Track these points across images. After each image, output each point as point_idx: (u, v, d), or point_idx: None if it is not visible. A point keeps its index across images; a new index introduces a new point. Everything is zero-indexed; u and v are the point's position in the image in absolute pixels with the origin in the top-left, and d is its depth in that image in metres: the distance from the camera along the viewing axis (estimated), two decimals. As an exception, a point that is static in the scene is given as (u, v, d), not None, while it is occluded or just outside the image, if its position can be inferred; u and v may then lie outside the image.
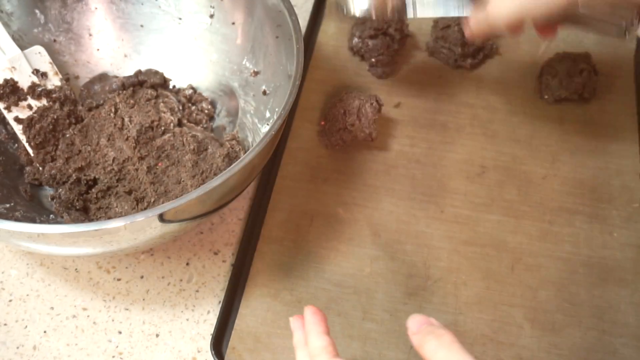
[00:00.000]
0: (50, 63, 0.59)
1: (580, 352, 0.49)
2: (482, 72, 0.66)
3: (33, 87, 0.57)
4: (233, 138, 0.56)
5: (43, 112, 0.56)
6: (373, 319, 0.51)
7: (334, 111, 0.59)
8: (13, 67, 0.57)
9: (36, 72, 0.58)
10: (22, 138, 0.56)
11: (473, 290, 0.52)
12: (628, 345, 0.50)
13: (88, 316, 0.52)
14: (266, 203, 0.57)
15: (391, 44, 0.64)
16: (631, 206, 0.57)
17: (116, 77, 0.61)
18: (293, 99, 0.46)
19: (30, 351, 0.50)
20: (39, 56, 0.58)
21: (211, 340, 0.49)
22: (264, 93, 0.56)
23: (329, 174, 0.59)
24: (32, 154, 0.56)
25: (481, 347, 0.49)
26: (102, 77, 0.62)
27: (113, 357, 0.50)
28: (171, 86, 0.62)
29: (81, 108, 0.58)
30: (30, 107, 0.57)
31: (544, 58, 0.65)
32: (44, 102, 0.57)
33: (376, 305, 0.51)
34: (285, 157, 0.60)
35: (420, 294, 0.52)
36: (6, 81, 0.56)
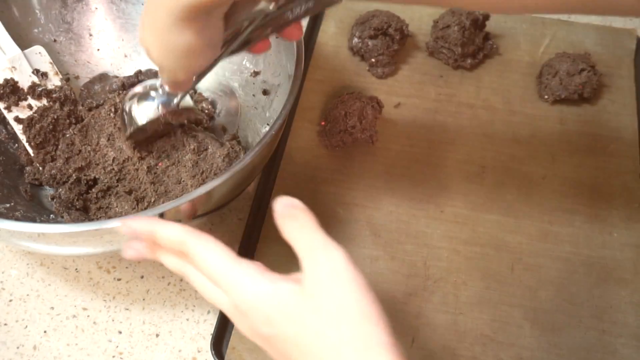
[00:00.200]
0: (50, 63, 0.59)
1: (580, 352, 0.49)
2: (482, 72, 0.66)
3: (33, 87, 0.57)
4: (233, 138, 0.56)
5: (43, 112, 0.56)
6: (373, 319, 0.51)
7: (335, 112, 0.59)
8: (13, 67, 0.57)
9: (36, 72, 0.58)
10: (22, 138, 0.56)
11: (473, 290, 0.52)
12: (628, 345, 0.50)
13: (88, 316, 0.52)
14: (266, 203, 0.57)
15: (391, 44, 0.64)
16: (631, 206, 0.57)
17: (116, 77, 0.61)
18: (293, 99, 0.46)
19: (30, 351, 0.50)
20: (39, 56, 0.58)
21: (211, 340, 0.49)
22: (264, 93, 0.56)
23: (329, 174, 0.59)
24: (32, 154, 0.56)
25: (481, 347, 0.50)
26: (102, 77, 0.62)
27: (113, 357, 0.50)
28: (171, 86, 0.62)
29: (81, 108, 0.58)
30: (30, 107, 0.57)
31: (544, 58, 0.65)
32: (44, 102, 0.57)
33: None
34: (285, 157, 0.60)
35: (420, 294, 0.52)
36: (6, 81, 0.56)
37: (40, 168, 0.55)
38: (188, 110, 0.51)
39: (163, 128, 0.52)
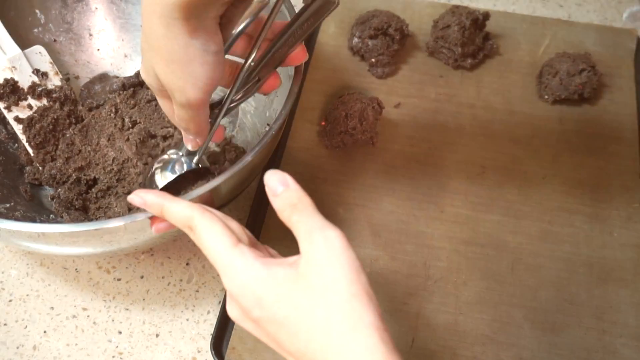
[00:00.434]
0: (50, 63, 0.59)
1: (580, 352, 0.49)
2: (482, 72, 0.66)
3: (33, 87, 0.57)
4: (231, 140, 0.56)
5: (43, 112, 0.56)
6: (373, 319, 0.51)
7: (336, 113, 0.59)
8: (13, 67, 0.57)
9: (36, 72, 0.58)
10: (22, 138, 0.56)
11: (473, 290, 0.52)
12: (628, 345, 0.50)
13: (88, 316, 0.52)
14: (266, 203, 0.57)
15: (391, 44, 0.64)
16: (631, 206, 0.57)
17: (116, 78, 0.61)
18: (293, 99, 0.46)
19: (30, 351, 0.50)
20: (40, 56, 0.58)
21: (211, 340, 0.49)
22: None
23: (329, 174, 0.59)
24: (32, 154, 0.56)
25: (481, 347, 0.49)
26: (103, 77, 0.62)
27: (113, 357, 0.50)
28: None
29: (81, 108, 0.58)
30: (30, 107, 0.57)
31: (544, 58, 0.65)
32: (44, 102, 0.57)
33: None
34: (285, 157, 0.60)
35: (420, 294, 0.52)
36: (6, 81, 0.56)
37: (40, 168, 0.55)
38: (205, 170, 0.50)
39: None
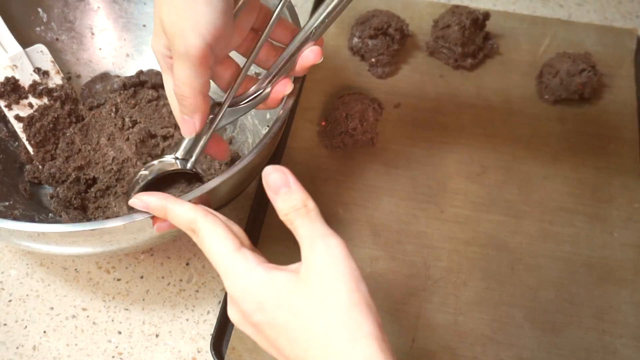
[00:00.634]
0: (51, 62, 0.59)
1: (580, 352, 0.49)
2: (482, 72, 0.66)
3: (34, 86, 0.57)
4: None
5: (44, 111, 0.56)
6: (373, 319, 0.51)
7: (336, 114, 0.59)
8: (14, 65, 0.57)
9: (37, 71, 0.58)
10: (23, 136, 0.56)
11: (473, 290, 0.52)
12: (628, 345, 0.50)
13: (88, 316, 0.52)
14: (266, 203, 0.57)
15: (391, 44, 0.64)
16: (631, 206, 0.57)
17: (118, 77, 0.61)
18: (293, 99, 0.46)
19: (30, 351, 0.50)
20: (41, 54, 0.58)
21: (211, 340, 0.49)
22: (264, 93, 0.56)
23: (329, 174, 0.59)
24: (32, 153, 0.56)
25: (481, 347, 0.49)
26: (104, 77, 0.62)
27: (113, 357, 0.50)
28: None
29: (82, 107, 0.58)
30: (31, 106, 0.57)
31: (544, 58, 0.65)
32: (45, 101, 0.57)
33: (376, 305, 0.51)
34: (285, 157, 0.60)
35: (420, 294, 0.52)
36: (7, 79, 0.56)
37: (39, 166, 0.55)
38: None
39: None
